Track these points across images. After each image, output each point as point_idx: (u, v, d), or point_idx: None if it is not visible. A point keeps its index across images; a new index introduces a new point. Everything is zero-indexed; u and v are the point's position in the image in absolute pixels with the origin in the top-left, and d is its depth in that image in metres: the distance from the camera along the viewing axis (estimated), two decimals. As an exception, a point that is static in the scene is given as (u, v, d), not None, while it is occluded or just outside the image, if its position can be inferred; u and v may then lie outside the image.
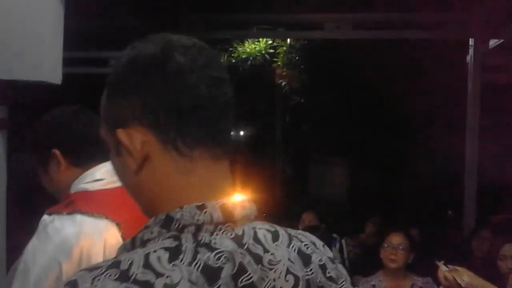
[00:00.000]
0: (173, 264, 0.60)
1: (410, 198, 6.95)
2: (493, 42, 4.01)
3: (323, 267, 0.72)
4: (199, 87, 0.65)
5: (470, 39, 4.20)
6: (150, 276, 0.58)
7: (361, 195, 7.25)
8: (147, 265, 0.59)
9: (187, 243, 0.62)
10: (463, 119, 4.35)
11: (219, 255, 0.62)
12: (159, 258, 0.60)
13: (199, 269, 0.60)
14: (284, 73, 7.73)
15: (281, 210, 6.82)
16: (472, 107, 4.21)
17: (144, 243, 0.63)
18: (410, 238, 2.73)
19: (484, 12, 3.89)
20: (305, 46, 7.44)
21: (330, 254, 0.75)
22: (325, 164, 8.34)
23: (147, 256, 0.60)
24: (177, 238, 0.63)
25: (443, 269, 1.81)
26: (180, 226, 0.63)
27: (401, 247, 2.67)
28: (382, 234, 2.96)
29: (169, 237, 0.63)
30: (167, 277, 0.58)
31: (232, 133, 0.73)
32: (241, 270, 0.63)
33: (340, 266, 0.76)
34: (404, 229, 2.82)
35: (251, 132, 9.81)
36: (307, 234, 0.76)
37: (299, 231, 0.76)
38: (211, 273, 0.61)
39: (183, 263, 0.60)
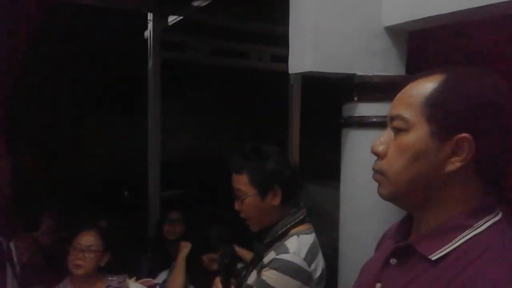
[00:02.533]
0: None
1: (84, 183, 6.47)
2: (172, 19, 3.95)
3: None
4: None
5: (149, 13, 4.05)
6: None
7: (29, 186, 6.29)
8: None
9: None
10: (144, 98, 4.20)
11: None
12: None
13: None
14: None
15: None
16: (153, 84, 4.09)
17: None
18: (104, 237, 2.29)
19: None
20: None
21: None
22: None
23: None
24: None
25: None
26: None
27: (91, 249, 2.22)
28: (67, 231, 2.43)
29: None
30: None
31: None
32: None
33: None
34: (96, 226, 2.35)
35: None
36: None
37: None
38: None
39: None
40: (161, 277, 2.83)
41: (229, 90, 5.13)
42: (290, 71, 1.80)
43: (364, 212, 1.76)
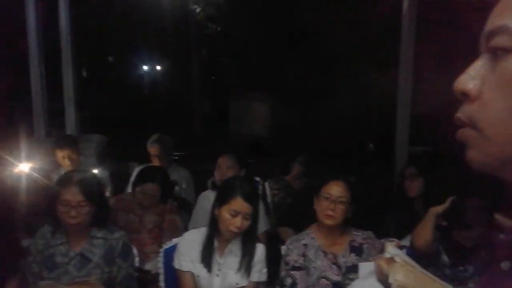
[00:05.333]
0: None
1: (333, 133, 6.63)
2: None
3: None
4: None
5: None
6: None
7: (284, 132, 6.83)
8: None
9: None
10: (394, 49, 3.88)
11: None
12: None
13: None
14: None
15: (199, 151, 6.28)
16: (407, 28, 3.72)
17: None
18: (352, 189, 2.21)
19: None
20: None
21: None
22: (246, 100, 7.77)
23: None
24: None
25: (385, 255, 1.28)
26: None
27: (341, 200, 2.15)
28: (316, 179, 2.43)
29: None
30: None
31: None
32: None
33: None
34: (345, 177, 2.28)
35: (165, 66, 8.97)
36: None
37: None
38: None
39: None
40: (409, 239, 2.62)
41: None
42: None
43: None
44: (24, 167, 2.91)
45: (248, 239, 2.04)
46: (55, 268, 1.96)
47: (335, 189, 2.17)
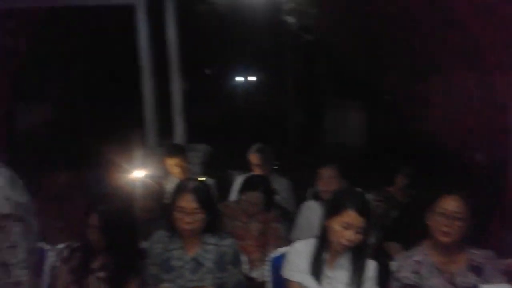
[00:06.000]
0: None
1: (434, 143, 6.26)
2: None
3: None
4: None
5: None
6: None
7: (383, 142, 6.60)
8: None
9: None
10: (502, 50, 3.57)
11: None
12: None
13: None
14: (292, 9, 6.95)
15: (295, 162, 6.28)
16: None
17: None
18: (469, 204, 2.06)
19: None
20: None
21: None
22: (342, 110, 7.65)
23: None
24: None
25: None
26: None
27: (458, 216, 2.00)
28: (428, 192, 2.30)
29: None
30: None
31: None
32: None
33: None
34: (461, 192, 2.13)
35: (259, 77, 9.14)
36: None
37: None
38: None
39: None
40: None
41: None
42: None
43: None
44: (138, 174, 3.11)
45: (359, 253, 1.98)
46: (172, 271, 2.05)
47: (452, 204, 2.03)
